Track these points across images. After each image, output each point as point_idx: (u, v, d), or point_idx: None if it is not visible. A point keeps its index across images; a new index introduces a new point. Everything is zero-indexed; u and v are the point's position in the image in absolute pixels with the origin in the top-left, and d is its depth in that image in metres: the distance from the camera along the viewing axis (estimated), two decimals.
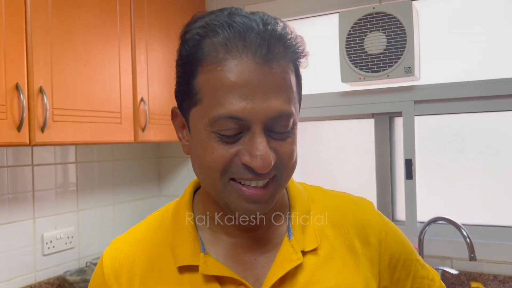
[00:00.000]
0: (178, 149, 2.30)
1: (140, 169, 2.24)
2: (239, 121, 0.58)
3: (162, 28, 1.90)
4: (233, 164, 0.60)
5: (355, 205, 0.75)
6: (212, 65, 0.59)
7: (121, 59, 1.67)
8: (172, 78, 2.05)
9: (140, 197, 2.24)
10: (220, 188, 0.62)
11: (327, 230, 0.71)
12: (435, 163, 1.81)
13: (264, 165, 0.58)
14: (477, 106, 1.70)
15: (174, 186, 2.32)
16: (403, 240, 0.76)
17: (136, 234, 0.75)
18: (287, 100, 0.60)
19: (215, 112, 0.59)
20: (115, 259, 0.72)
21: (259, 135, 0.59)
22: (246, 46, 0.57)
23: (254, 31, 0.58)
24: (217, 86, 0.58)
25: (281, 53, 0.60)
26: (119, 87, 1.66)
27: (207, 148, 0.61)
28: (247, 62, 0.57)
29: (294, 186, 0.75)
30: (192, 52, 0.61)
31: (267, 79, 0.58)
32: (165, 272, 0.68)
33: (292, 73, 0.63)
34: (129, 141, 1.71)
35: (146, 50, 1.80)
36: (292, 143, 0.63)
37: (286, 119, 0.60)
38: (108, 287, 0.70)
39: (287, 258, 0.66)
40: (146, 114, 1.77)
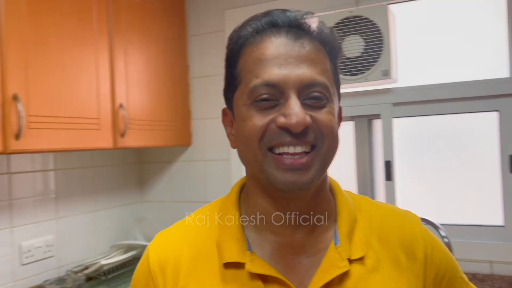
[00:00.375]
0: (160, 154, 2.29)
1: (121, 175, 2.22)
2: (274, 88, 0.62)
3: (142, 33, 1.89)
4: (270, 130, 0.63)
5: (401, 218, 0.75)
6: (250, 48, 0.66)
7: (98, 64, 1.66)
8: (151, 83, 2.05)
9: (122, 203, 2.22)
10: (260, 159, 0.64)
11: (372, 241, 0.70)
12: (414, 165, 1.83)
13: (298, 122, 0.60)
14: (454, 107, 1.73)
15: (156, 192, 2.30)
16: (449, 257, 0.75)
17: (181, 228, 0.76)
18: (320, 72, 0.64)
19: (252, 83, 0.64)
20: (161, 252, 0.73)
21: (293, 98, 0.62)
22: (279, 29, 0.65)
23: (286, 17, 0.66)
24: (254, 62, 0.65)
25: (312, 35, 0.66)
26: (96, 92, 1.65)
27: (246, 119, 0.65)
28: (280, 39, 0.64)
29: (341, 193, 0.75)
30: (233, 45, 0.69)
31: (299, 51, 0.64)
32: (210, 267, 0.69)
33: (326, 56, 0.67)
34: (108, 147, 1.69)
35: (125, 55, 1.79)
36: (330, 113, 0.65)
37: (320, 88, 0.63)
38: (153, 279, 0.71)
39: (334, 264, 0.66)
40: (126, 120, 1.75)
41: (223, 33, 2.11)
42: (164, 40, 2.04)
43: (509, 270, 1.62)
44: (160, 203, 2.29)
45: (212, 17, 2.14)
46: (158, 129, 1.97)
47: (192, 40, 2.20)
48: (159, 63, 1.99)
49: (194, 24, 2.19)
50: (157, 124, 1.96)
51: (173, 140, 2.09)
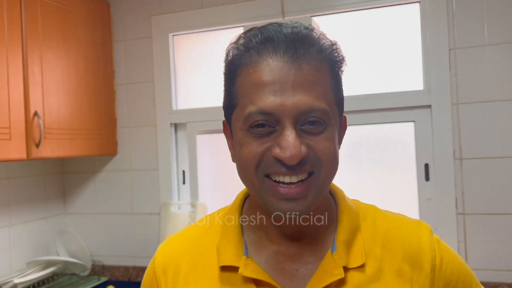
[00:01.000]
0: (84, 164, 2.19)
1: (41, 186, 2.10)
2: (269, 115, 0.61)
3: (61, 37, 1.80)
4: (266, 159, 0.62)
5: (409, 228, 0.72)
6: (246, 69, 0.64)
7: (9, 70, 1.56)
8: (71, 89, 1.96)
9: (43, 216, 2.10)
10: (257, 185, 0.64)
11: (376, 250, 0.69)
12: (337, 173, 1.87)
13: (293, 156, 0.59)
14: (374, 118, 1.79)
15: (80, 203, 2.20)
16: (461, 269, 0.71)
17: (188, 232, 0.78)
18: (318, 97, 0.62)
19: (247, 110, 0.62)
20: (166, 254, 0.76)
21: (288, 128, 0.60)
22: (276, 48, 0.62)
23: (283, 34, 0.62)
24: (250, 86, 0.63)
25: (311, 53, 0.63)
26: (7, 100, 1.54)
27: (243, 145, 0.64)
28: (276, 62, 0.62)
29: (345, 201, 0.74)
30: (230, 62, 0.67)
31: (295, 76, 0.61)
32: (208, 270, 0.71)
33: (327, 74, 0.65)
34: (21, 158, 1.59)
35: (41, 61, 1.70)
36: (328, 139, 0.63)
37: (318, 114, 0.61)
38: (156, 279, 0.74)
39: (328, 272, 0.65)
40: (41, 129, 1.66)
41: (150, 39, 2.07)
42: (88, 45, 1.95)
43: None
44: (84, 215, 2.19)
45: (139, 23, 2.09)
46: (79, 138, 1.88)
47: (118, 45, 2.13)
48: (81, 69, 1.91)
49: (120, 29, 2.12)
50: (78, 132, 1.87)
51: (98, 149, 2.00)
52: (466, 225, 1.66)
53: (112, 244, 2.12)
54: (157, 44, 2.05)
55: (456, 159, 1.67)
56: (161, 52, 2.05)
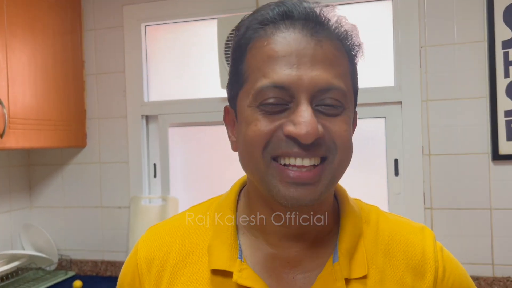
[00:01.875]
0: (51, 156, 2.13)
1: (6, 178, 2.03)
2: (284, 90, 0.55)
3: (27, 25, 1.74)
4: (276, 138, 0.55)
5: (412, 234, 0.67)
6: (259, 42, 0.57)
7: None
8: (38, 79, 1.90)
9: (7, 209, 2.03)
10: (263, 169, 0.56)
11: (378, 258, 0.64)
12: None
13: (309, 133, 0.53)
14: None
15: (47, 196, 2.14)
16: (463, 280, 0.68)
17: (174, 225, 0.70)
18: (338, 75, 0.56)
19: (259, 83, 0.56)
20: (150, 247, 0.68)
21: (305, 104, 0.54)
22: (294, 22, 0.56)
23: (303, 8, 0.57)
24: (263, 59, 0.56)
25: (332, 31, 0.58)
26: None
27: (250, 123, 0.57)
28: (294, 34, 0.56)
29: (348, 203, 0.68)
30: (240, 36, 0.60)
31: (315, 49, 0.55)
32: (197, 272, 0.64)
33: (345, 56, 0.60)
34: None
35: (6, 49, 1.63)
36: (346, 123, 0.57)
37: (336, 94, 0.56)
38: (139, 275, 0.67)
39: (328, 284, 0.60)
40: (5, 118, 1.60)
41: (121, 29, 2.02)
42: (56, 34, 1.89)
43: None
44: (51, 209, 2.13)
45: (111, 12, 2.04)
46: (46, 129, 1.82)
47: (88, 34, 2.07)
48: (48, 58, 1.85)
49: (90, 18, 2.06)
50: (46, 123, 1.82)
51: (65, 140, 1.95)
52: (433, 219, 1.69)
53: (80, 238, 2.08)
54: (128, 34, 2.01)
55: (425, 155, 1.70)
56: (132, 42, 2.00)
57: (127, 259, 0.72)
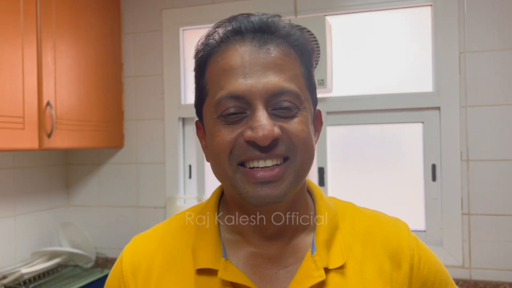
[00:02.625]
0: (88, 156, 2.18)
1: (45, 177, 2.09)
2: (240, 99, 0.59)
3: (73, 28, 1.79)
4: (238, 145, 0.60)
5: (388, 226, 0.72)
6: (215, 57, 0.63)
7: (24, 59, 1.54)
8: (81, 80, 1.95)
9: (46, 207, 2.08)
10: (231, 175, 0.61)
11: (355, 249, 0.68)
12: (346, 171, 1.90)
13: (265, 135, 0.57)
14: (383, 118, 1.82)
15: (84, 195, 2.19)
16: (438, 269, 0.72)
17: (158, 232, 0.74)
18: (288, 79, 0.61)
19: (217, 95, 0.61)
20: (135, 255, 0.71)
21: (260, 109, 0.59)
22: (244, 36, 0.62)
23: (250, 22, 0.62)
24: (219, 73, 0.62)
25: (279, 38, 0.63)
26: (22, 89, 1.53)
27: (214, 134, 0.62)
28: (244, 47, 0.61)
29: (323, 199, 0.72)
30: (200, 54, 0.66)
31: (265, 58, 0.60)
32: (182, 273, 0.67)
33: (296, 60, 0.64)
34: (33, 148, 1.58)
35: (54, 51, 1.69)
36: (302, 123, 0.61)
37: (289, 96, 0.60)
38: (124, 282, 0.70)
39: (308, 274, 0.63)
40: (53, 119, 1.65)
41: (160, 32, 2.06)
42: (97, 37, 1.94)
43: None
44: (88, 208, 2.18)
45: (150, 15, 2.08)
46: (88, 129, 1.87)
47: (128, 37, 2.12)
48: (91, 60, 1.90)
49: (130, 21, 2.11)
50: (87, 124, 1.87)
51: (104, 141, 1.99)
52: (471, 225, 1.70)
53: (115, 237, 2.12)
54: (167, 38, 2.05)
55: (463, 160, 1.71)
56: (171, 46, 2.04)
57: (113, 268, 0.74)
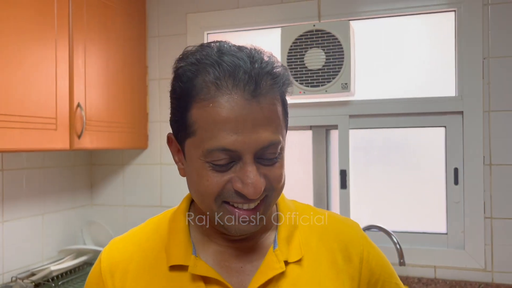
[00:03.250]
0: (112, 157, 2.23)
1: (71, 177, 2.13)
2: (231, 152, 0.64)
3: (101, 31, 1.84)
4: (226, 190, 0.66)
5: (341, 224, 0.81)
6: (205, 102, 0.64)
7: (58, 62, 1.59)
8: (110, 83, 1.99)
9: (71, 206, 2.13)
10: (215, 210, 0.68)
11: (312, 245, 0.76)
12: (367, 174, 1.93)
13: (255, 192, 0.64)
14: (405, 121, 1.84)
15: (106, 195, 2.23)
16: (385, 263, 0.82)
17: (134, 235, 0.81)
18: (275, 130, 0.66)
19: (208, 145, 0.64)
20: (112, 256, 0.78)
21: (250, 164, 0.64)
22: (235, 84, 0.63)
23: (242, 70, 0.63)
24: (209, 121, 0.64)
25: (268, 87, 0.66)
26: (55, 91, 1.58)
27: (202, 176, 0.66)
28: (236, 98, 0.63)
29: (284, 202, 0.81)
30: (185, 88, 0.66)
31: (255, 113, 0.63)
32: (157, 271, 0.74)
33: (279, 103, 0.69)
34: (64, 148, 1.63)
35: (84, 54, 1.73)
36: (281, 167, 0.69)
37: (274, 147, 0.66)
38: (103, 282, 0.76)
39: (271, 266, 0.71)
40: (83, 120, 1.69)
41: (185, 36, 2.10)
42: (124, 40, 1.99)
43: (451, 275, 1.75)
44: (111, 207, 2.23)
45: (175, 19, 2.12)
46: (115, 130, 1.92)
47: (152, 41, 2.16)
48: (118, 63, 1.94)
49: (155, 25, 2.16)
50: (114, 125, 1.91)
51: (130, 142, 2.04)
52: (493, 228, 1.71)
53: None
54: (191, 42, 2.09)
55: (486, 165, 1.72)
56: None
57: (92, 269, 0.80)
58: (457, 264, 1.74)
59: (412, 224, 1.87)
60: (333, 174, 1.97)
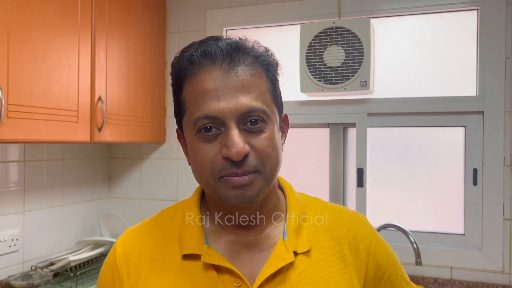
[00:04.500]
0: (130, 150, 2.25)
1: (90, 169, 2.17)
2: (215, 119, 0.69)
3: (123, 26, 1.86)
4: (218, 161, 0.69)
5: (349, 217, 0.83)
6: (190, 79, 0.72)
7: (80, 55, 1.62)
8: (130, 77, 2.01)
9: (90, 198, 2.16)
10: (213, 185, 0.71)
11: (320, 236, 0.78)
12: (385, 173, 1.92)
13: (238, 152, 0.67)
14: (424, 121, 1.83)
15: (124, 188, 2.26)
16: (391, 256, 0.83)
17: (147, 225, 0.84)
18: (255, 98, 0.70)
19: (195, 115, 0.70)
20: (127, 245, 0.80)
21: (232, 128, 0.68)
22: (213, 60, 0.70)
23: (218, 47, 0.71)
24: (195, 94, 0.71)
25: (245, 60, 0.71)
26: (77, 84, 1.61)
27: (195, 149, 0.71)
28: (215, 71, 0.70)
29: (292, 194, 0.83)
30: (175, 74, 0.75)
31: (234, 82, 0.69)
32: (170, 259, 0.76)
33: (262, 77, 0.73)
34: (85, 140, 1.65)
35: (106, 48, 1.76)
36: (267, 138, 0.71)
37: (257, 113, 0.69)
38: (118, 270, 0.78)
39: (280, 256, 0.73)
40: (104, 114, 1.72)
41: (204, 32, 2.12)
42: (144, 35, 2.01)
43: (468, 276, 1.73)
44: (128, 200, 2.25)
45: (194, 15, 2.14)
46: (134, 124, 1.94)
47: (171, 37, 2.18)
48: (138, 58, 1.97)
49: (175, 21, 2.17)
50: (133, 119, 1.93)
51: (148, 136, 2.06)
52: None
53: None
54: None
55: (506, 166, 1.70)
56: None
57: (106, 258, 0.83)
58: (474, 266, 1.73)
59: (429, 224, 1.85)
60: (350, 173, 1.97)
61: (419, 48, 1.87)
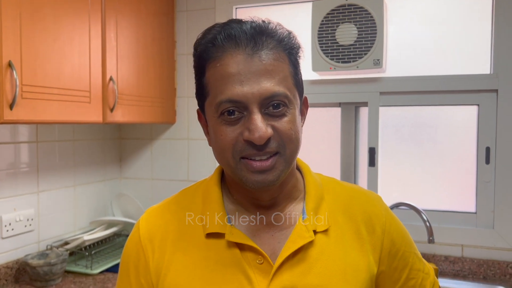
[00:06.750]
0: (141, 131, 2.25)
1: (101, 150, 2.17)
2: (238, 103, 0.69)
3: (132, 4, 1.84)
4: (239, 143, 0.70)
5: (365, 197, 0.85)
6: (214, 62, 0.72)
7: (91, 35, 1.60)
8: (140, 57, 2.00)
9: (101, 179, 2.18)
10: (233, 166, 0.72)
11: (338, 216, 0.81)
12: (397, 152, 1.91)
13: (261, 137, 0.68)
14: (437, 99, 1.81)
15: (135, 168, 2.27)
16: (405, 234, 0.86)
17: (170, 204, 0.85)
18: (278, 82, 0.70)
19: (218, 98, 0.71)
20: (150, 224, 0.82)
21: (255, 112, 0.69)
22: (237, 43, 0.70)
23: (242, 31, 0.71)
24: (218, 77, 0.71)
25: (269, 44, 0.71)
26: (88, 64, 1.60)
27: (217, 131, 0.72)
28: (239, 55, 0.70)
29: (311, 175, 0.85)
30: (198, 55, 0.75)
31: (257, 66, 0.70)
32: (194, 238, 0.78)
33: (285, 61, 0.73)
34: (98, 121, 1.65)
35: (116, 27, 1.74)
36: (290, 122, 0.72)
37: (279, 98, 0.70)
38: (143, 248, 0.80)
39: (301, 235, 0.76)
40: (115, 94, 1.71)
41: (213, 10, 2.09)
42: (154, 14, 1.99)
43: (478, 254, 1.75)
44: (139, 180, 2.27)
45: None
46: (145, 105, 1.94)
47: (180, 15, 2.16)
48: (147, 38, 1.95)
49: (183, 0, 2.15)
50: (144, 100, 1.93)
51: (158, 117, 2.06)
52: None
53: None
54: (220, 16, 2.08)
55: None
56: None
57: (129, 237, 0.84)
58: (485, 244, 1.74)
59: (441, 202, 1.86)
60: (361, 152, 1.96)
61: (432, 26, 1.84)
